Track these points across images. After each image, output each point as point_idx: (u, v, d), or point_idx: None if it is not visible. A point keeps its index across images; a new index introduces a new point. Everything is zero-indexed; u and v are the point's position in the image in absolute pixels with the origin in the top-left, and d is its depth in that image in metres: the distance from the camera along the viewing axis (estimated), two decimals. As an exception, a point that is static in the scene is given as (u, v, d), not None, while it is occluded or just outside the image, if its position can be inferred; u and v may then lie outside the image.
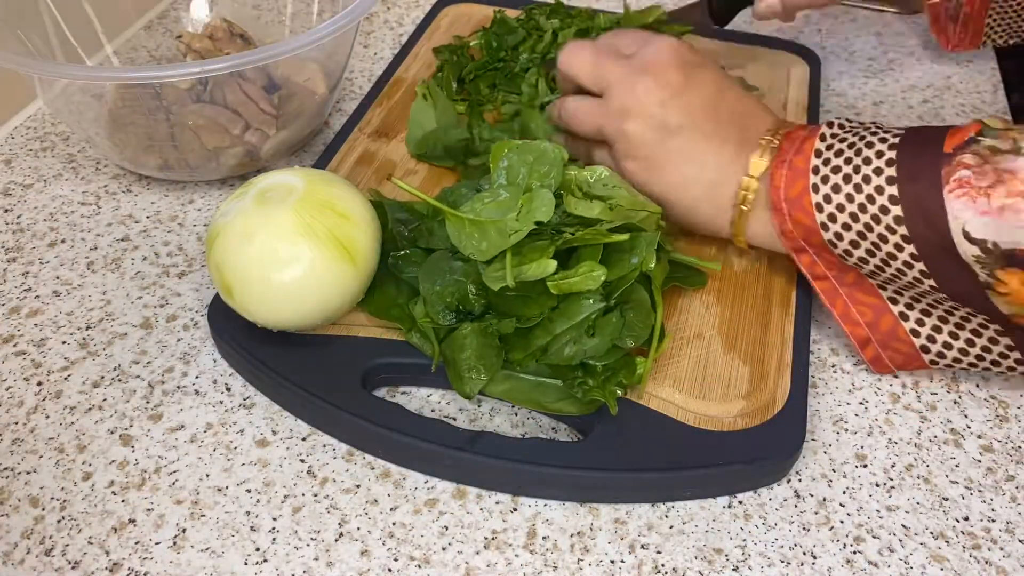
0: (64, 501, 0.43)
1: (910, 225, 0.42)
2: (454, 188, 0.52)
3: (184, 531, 0.42)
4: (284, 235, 0.44)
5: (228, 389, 0.48)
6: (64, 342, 0.51)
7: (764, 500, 0.43)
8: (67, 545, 0.41)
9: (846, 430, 0.47)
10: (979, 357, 0.45)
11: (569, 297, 0.44)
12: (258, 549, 0.41)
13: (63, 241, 0.58)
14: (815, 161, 0.45)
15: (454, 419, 0.47)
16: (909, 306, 0.45)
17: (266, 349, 0.47)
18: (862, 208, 0.43)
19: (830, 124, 0.46)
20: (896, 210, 0.42)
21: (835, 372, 0.50)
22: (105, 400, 0.48)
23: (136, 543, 0.41)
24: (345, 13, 0.55)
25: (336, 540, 0.41)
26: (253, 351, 0.47)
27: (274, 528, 0.42)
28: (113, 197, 0.61)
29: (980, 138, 0.41)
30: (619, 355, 0.44)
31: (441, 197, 0.51)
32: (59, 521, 0.42)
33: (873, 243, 0.43)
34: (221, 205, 0.47)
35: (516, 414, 0.47)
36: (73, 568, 0.40)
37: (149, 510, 0.43)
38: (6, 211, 0.60)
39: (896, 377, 0.50)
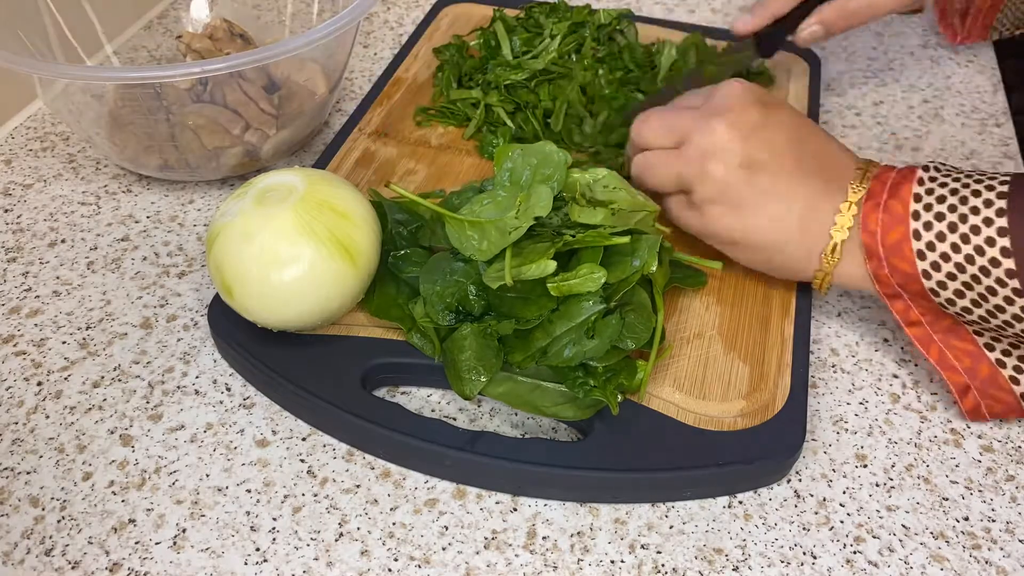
0: (64, 501, 0.43)
1: (1021, 277, 0.41)
2: (459, 192, 0.52)
3: (184, 531, 0.42)
4: (284, 235, 0.44)
5: (228, 389, 0.48)
6: (64, 342, 0.51)
7: (764, 500, 0.43)
8: (67, 545, 0.41)
9: (846, 430, 0.47)
10: None
11: (569, 299, 0.44)
12: (258, 549, 0.41)
13: (63, 241, 0.58)
14: (915, 206, 0.43)
15: (454, 419, 0.47)
16: (1006, 352, 0.44)
17: (266, 349, 0.47)
18: (969, 259, 0.42)
19: (926, 168, 0.45)
20: (1008, 263, 0.41)
21: (835, 372, 0.50)
22: (105, 400, 0.48)
23: (136, 543, 0.41)
24: (345, 13, 0.55)
25: (336, 540, 0.41)
26: (253, 351, 0.47)
27: (274, 528, 0.42)
28: (113, 197, 0.61)
29: None
30: (619, 357, 0.44)
31: (447, 201, 0.51)
32: (59, 521, 0.42)
33: (980, 294, 0.42)
34: (221, 205, 0.47)
35: (516, 414, 0.47)
36: (73, 568, 0.40)
37: (149, 510, 0.43)
38: (6, 211, 0.60)
39: (896, 377, 0.50)
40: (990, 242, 0.41)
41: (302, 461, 0.45)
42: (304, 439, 0.46)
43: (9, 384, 0.49)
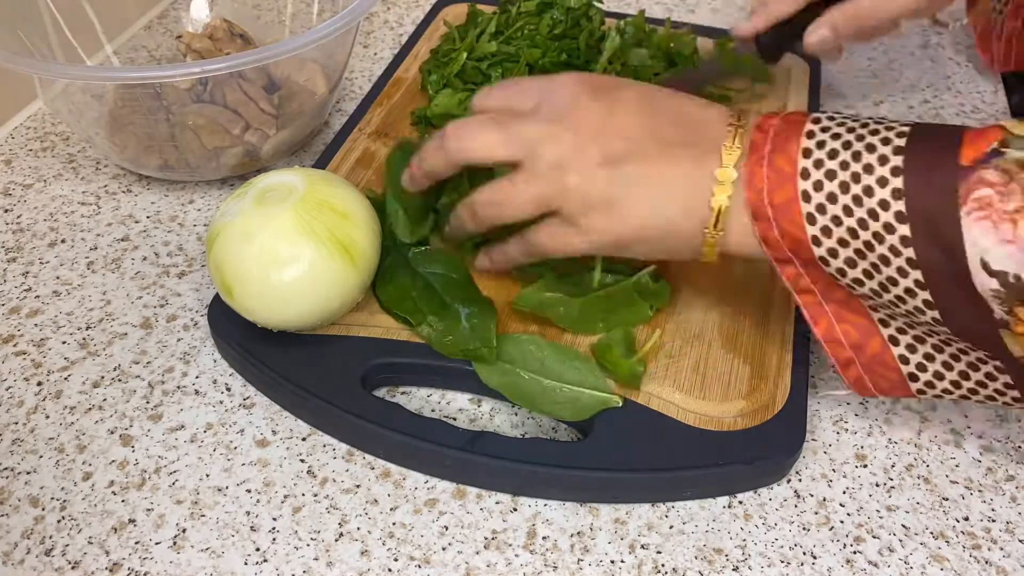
0: (64, 501, 0.43)
1: (918, 248, 0.36)
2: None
3: (184, 531, 0.42)
4: (284, 235, 0.44)
5: (228, 389, 0.48)
6: (64, 342, 0.51)
7: (764, 500, 0.43)
8: (67, 545, 0.41)
9: (846, 430, 0.47)
10: (972, 391, 0.40)
11: None
12: (258, 549, 0.41)
13: (63, 241, 0.58)
14: (804, 163, 0.39)
15: (454, 419, 0.47)
16: (901, 330, 0.40)
17: (266, 349, 0.47)
18: (862, 224, 0.37)
19: (816, 119, 0.40)
20: (903, 229, 0.36)
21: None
22: (105, 400, 0.48)
23: (136, 543, 0.41)
24: (345, 13, 0.55)
25: (336, 540, 0.41)
26: (253, 351, 0.47)
27: (274, 528, 0.42)
28: (113, 197, 0.61)
29: (1004, 150, 0.36)
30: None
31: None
32: (59, 521, 0.42)
33: (872, 264, 0.38)
34: (221, 205, 0.47)
35: (516, 414, 0.47)
36: (73, 568, 0.40)
37: (149, 510, 0.43)
38: (6, 211, 0.60)
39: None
40: (884, 205, 0.37)
41: (302, 461, 0.45)
42: (304, 439, 0.46)
43: (9, 384, 0.49)
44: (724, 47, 0.64)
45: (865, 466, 0.45)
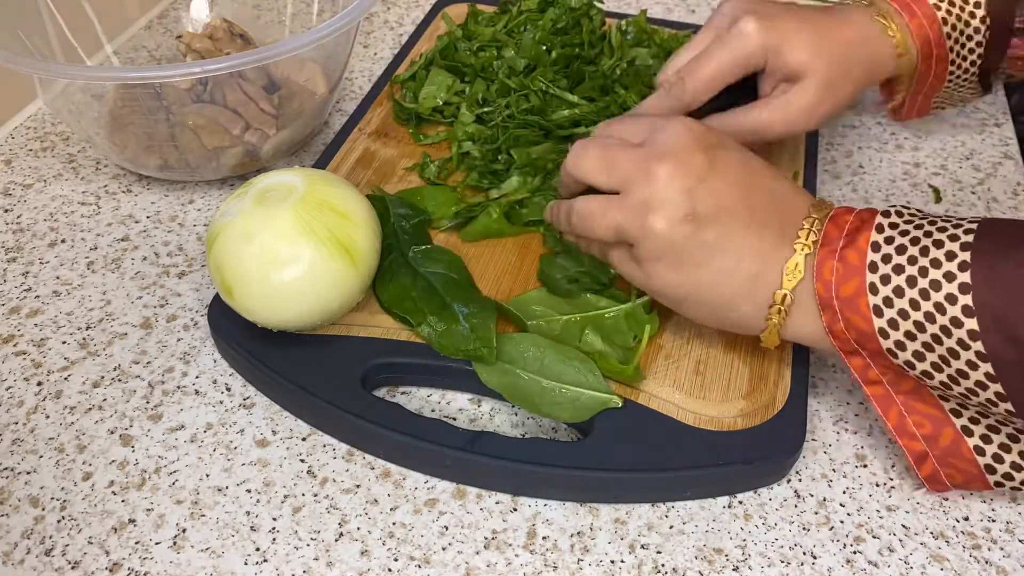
0: (64, 501, 0.43)
1: (987, 341, 0.36)
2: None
3: (184, 531, 0.42)
4: (284, 235, 0.44)
5: (228, 389, 0.48)
6: (64, 342, 0.51)
7: (764, 500, 0.43)
8: (67, 545, 0.41)
9: (846, 430, 0.47)
10: None
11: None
12: (258, 549, 0.41)
13: (63, 241, 0.58)
14: (872, 256, 0.39)
15: (454, 419, 0.47)
16: (974, 420, 0.40)
17: (266, 349, 0.47)
18: (929, 317, 0.38)
19: (886, 213, 0.41)
20: (971, 323, 0.37)
21: (835, 372, 0.50)
22: (105, 400, 0.48)
23: (136, 543, 0.41)
24: (345, 13, 0.55)
25: (336, 540, 0.41)
26: (253, 351, 0.47)
27: (274, 528, 0.42)
28: (113, 197, 0.61)
29: None
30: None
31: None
32: (59, 521, 0.42)
33: (941, 356, 0.38)
34: (221, 205, 0.47)
35: (516, 414, 0.47)
36: (73, 568, 0.40)
37: (149, 510, 0.43)
38: (6, 211, 0.60)
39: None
40: (951, 299, 0.37)
41: (302, 461, 0.45)
42: (304, 439, 0.46)
43: (9, 384, 0.49)
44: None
45: (865, 466, 0.45)
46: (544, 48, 0.64)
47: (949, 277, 0.37)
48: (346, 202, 0.46)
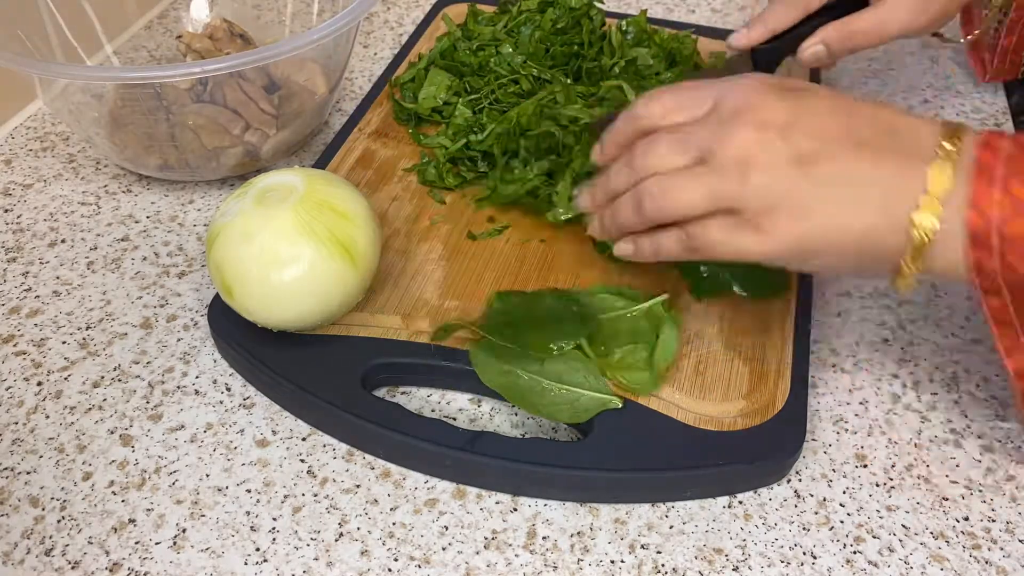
0: (64, 501, 0.43)
1: None
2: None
3: (184, 531, 0.42)
4: (284, 235, 0.44)
5: (228, 389, 0.48)
6: (64, 342, 0.51)
7: (764, 500, 0.43)
8: (67, 545, 0.41)
9: (846, 430, 0.47)
10: None
11: None
12: (258, 549, 0.41)
13: (63, 241, 0.58)
14: None
15: (454, 419, 0.47)
16: None
17: (266, 349, 0.47)
18: None
19: None
20: None
21: (835, 372, 0.50)
22: (105, 400, 0.48)
23: (136, 543, 0.41)
24: (345, 13, 0.55)
25: (336, 540, 0.41)
26: (253, 351, 0.47)
27: (274, 528, 0.42)
28: (113, 197, 0.61)
29: None
30: None
31: None
32: (59, 521, 0.42)
33: None
34: (221, 205, 0.47)
35: (516, 414, 0.47)
36: (73, 568, 0.40)
37: (149, 510, 0.43)
38: (6, 211, 0.60)
39: (896, 377, 0.50)
40: None
41: (302, 461, 0.45)
42: (304, 439, 0.46)
43: (9, 384, 0.49)
44: (721, 58, 0.63)
45: (865, 466, 0.45)
46: (543, 47, 0.64)
47: None
48: (346, 202, 0.46)
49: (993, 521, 0.43)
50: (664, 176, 0.41)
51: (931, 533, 0.42)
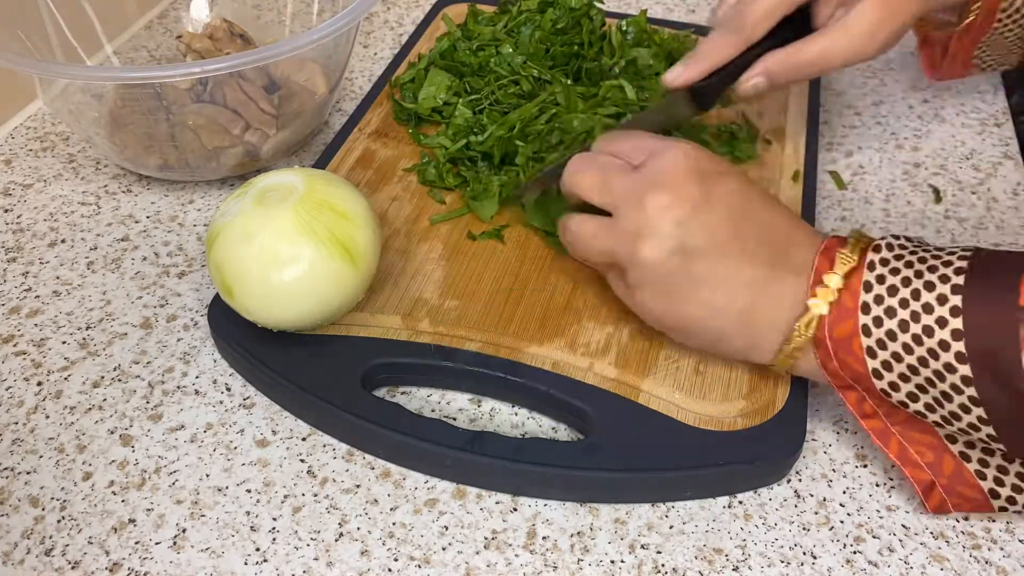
0: (64, 501, 0.43)
1: (980, 387, 0.36)
2: None
3: (184, 531, 0.42)
4: (284, 235, 0.44)
5: (228, 389, 0.48)
6: (64, 342, 0.51)
7: (764, 500, 0.43)
8: (67, 545, 0.41)
9: (846, 430, 0.47)
10: None
11: None
12: (258, 549, 0.41)
13: (63, 241, 0.58)
14: (864, 297, 0.39)
15: (454, 419, 0.47)
16: (970, 445, 0.40)
17: (266, 349, 0.47)
18: (922, 361, 0.37)
19: (877, 248, 0.40)
20: (964, 369, 0.37)
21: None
22: (105, 400, 0.48)
23: (136, 543, 0.41)
24: (345, 13, 0.55)
25: (336, 540, 0.41)
26: (253, 351, 0.47)
27: (274, 528, 0.42)
28: (113, 197, 0.61)
29: None
30: None
31: None
32: (59, 521, 0.42)
33: (935, 399, 0.38)
34: (221, 205, 0.47)
35: (516, 414, 0.47)
36: (73, 568, 0.40)
37: (149, 510, 0.43)
38: (6, 211, 0.60)
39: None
40: (944, 346, 0.37)
41: (302, 461, 0.45)
42: (304, 439, 0.46)
43: (9, 384, 0.49)
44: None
45: (865, 466, 0.45)
46: (543, 47, 0.64)
47: (942, 323, 0.37)
48: (346, 202, 0.46)
49: (993, 521, 0.43)
50: (586, 224, 0.45)
51: (931, 533, 0.42)
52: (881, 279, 0.39)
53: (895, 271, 0.39)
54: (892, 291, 0.39)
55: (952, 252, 0.39)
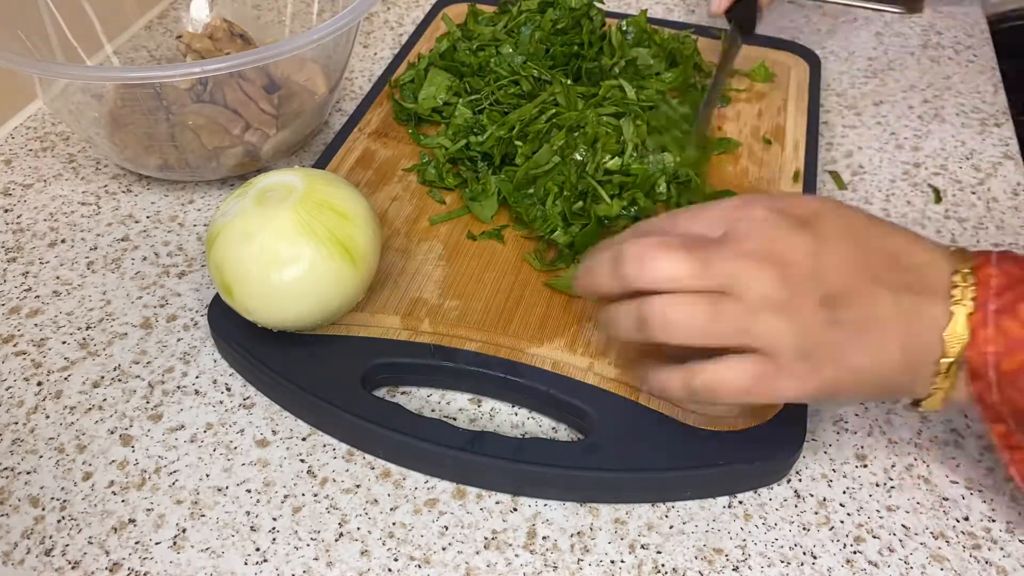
0: (64, 501, 0.43)
1: None
2: None
3: (184, 531, 0.42)
4: (284, 235, 0.44)
5: (228, 389, 0.48)
6: (64, 342, 0.51)
7: (764, 500, 0.43)
8: (67, 545, 0.41)
9: (846, 430, 0.47)
10: None
11: None
12: (258, 549, 0.41)
13: (63, 241, 0.58)
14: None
15: (454, 419, 0.47)
16: None
17: (266, 349, 0.47)
18: None
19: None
20: None
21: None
22: (105, 400, 0.48)
23: (136, 543, 0.41)
24: (345, 13, 0.55)
25: (336, 540, 0.41)
26: (253, 351, 0.47)
27: (274, 528, 0.42)
28: (113, 197, 0.61)
29: None
30: None
31: None
32: (59, 521, 0.42)
33: None
34: (221, 205, 0.47)
35: (516, 414, 0.47)
36: (73, 568, 0.40)
37: (149, 510, 0.43)
38: (6, 211, 0.60)
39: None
40: None
41: (302, 461, 0.45)
42: (304, 439, 0.46)
43: (9, 384, 0.49)
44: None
45: (865, 466, 0.45)
46: (543, 47, 0.64)
47: None
48: (346, 202, 0.46)
49: (993, 521, 0.43)
50: (686, 303, 0.37)
51: (931, 533, 0.42)
52: None
53: None
54: None
55: None
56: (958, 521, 0.43)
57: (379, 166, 0.60)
